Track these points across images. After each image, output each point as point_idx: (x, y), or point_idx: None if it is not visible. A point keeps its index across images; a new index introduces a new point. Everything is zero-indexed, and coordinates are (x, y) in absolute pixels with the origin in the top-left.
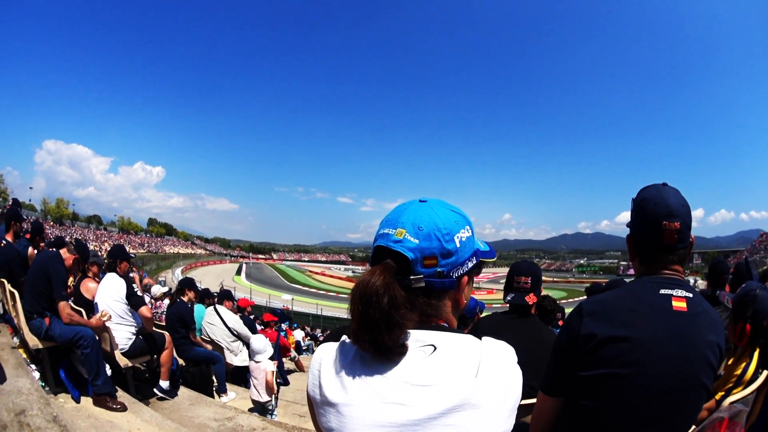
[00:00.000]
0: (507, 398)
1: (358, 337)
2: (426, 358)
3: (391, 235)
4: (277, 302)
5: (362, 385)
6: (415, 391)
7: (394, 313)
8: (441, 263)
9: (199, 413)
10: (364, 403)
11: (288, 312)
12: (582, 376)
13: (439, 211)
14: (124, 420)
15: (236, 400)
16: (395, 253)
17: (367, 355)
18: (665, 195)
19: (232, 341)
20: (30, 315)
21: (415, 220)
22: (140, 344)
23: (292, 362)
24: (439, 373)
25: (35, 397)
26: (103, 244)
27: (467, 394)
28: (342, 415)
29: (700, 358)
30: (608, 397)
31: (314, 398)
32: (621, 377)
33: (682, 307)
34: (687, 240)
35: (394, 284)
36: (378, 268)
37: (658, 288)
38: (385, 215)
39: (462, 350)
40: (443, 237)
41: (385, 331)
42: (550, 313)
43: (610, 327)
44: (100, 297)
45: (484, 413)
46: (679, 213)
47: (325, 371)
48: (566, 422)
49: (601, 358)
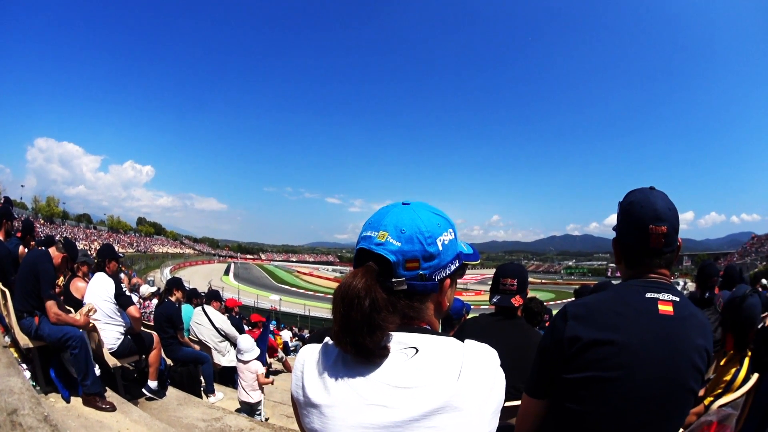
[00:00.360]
0: (489, 401)
1: (340, 339)
2: (408, 361)
3: (374, 238)
4: (265, 302)
5: (344, 386)
6: (397, 393)
7: (376, 316)
8: (423, 266)
9: (188, 413)
10: (346, 404)
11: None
12: (566, 378)
13: (422, 214)
14: (113, 420)
15: (224, 401)
16: (377, 256)
17: (350, 357)
18: (652, 199)
19: (220, 341)
20: (20, 314)
21: (397, 223)
22: (129, 344)
23: (279, 363)
24: (421, 376)
25: (27, 397)
26: (92, 243)
27: (449, 396)
28: (325, 416)
29: (686, 363)
30: (593, 400)
31: (297, 399)
32: (606, 381)
33: (669, 311)
34: (674, 244)
35: (376, 287)
36: (360, 271)
37: (644, 291)
38: (368, 217)
39: (444, 353)
40: (425, 240)
41: (366, 334)
42: (536, 315)
43: (595, 330)
44: (88, 296)
45: (466, 416)
46: (666, 217)
47: (308, 373)
48: (551, 425)
49: (586, 361)
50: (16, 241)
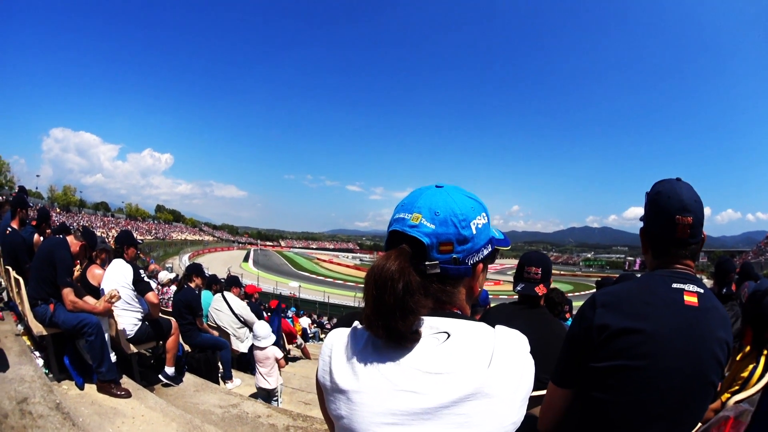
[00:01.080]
0: (519, 388)
1: (372, 322)
2: (439, 346)
3: (407, 220)
4: (285, 289)
5: (374, 372)
6: (428, 379)
7: (409, 299)
8: (457, 249)
9: (204, 400)
10: (375, 390)
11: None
12: (594, 367)
13: (456, 196)
14: (128, 406)
15: (242, 387)
16: (411, 238)
17: (380, 342)
18: (679, 190)
19: (239, 328)
20: (35, 302)
21: (431, 205)
22: (146, 330)
23: (298, 349)
24: (452, 361)
25: (38, 385)
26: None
27: (480, 383)
28: (352, 403)
29: (708, 354)
30: (619, 389)
31: (324, 385)
32: (633, 369)
33: (694, 302)
34: (699, 236)
35: (410, 269)
36: (393, 253)
37: (670, 282)
38: (401, 200)
39: (475, 338)
40: (459, 223)
41: (399, 318)
42: (557, 306)
43: (624, 318)
44: (106, 283)
45: (497, 403)
46: (692, 208)
47: (336, 357)
48: (575, 413)
49: (614, 350)
50: (31, 230)
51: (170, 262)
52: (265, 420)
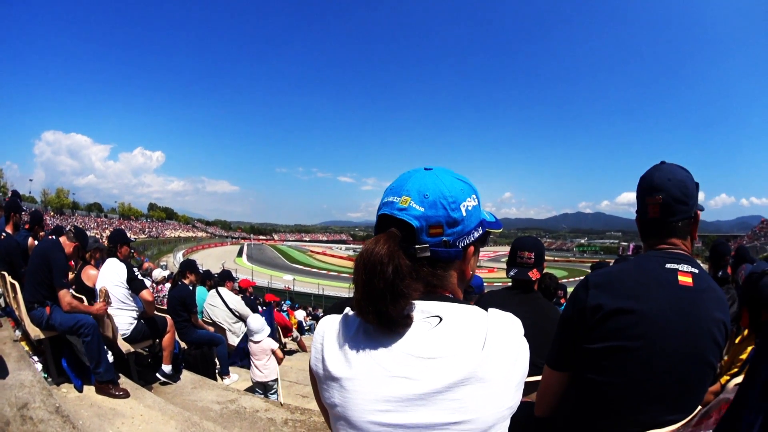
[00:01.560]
0: (514, 372)
1: (362, 307)
2: (431, 330)
3: (396, 203)
4: (279, 283)
5: (366, 358)
6: (421, 364)
7: (399, 283)
8: (447, 232)
9: (202, 396)
10: (368, 377)
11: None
12: (588, 348)
13: (445, 179)
14: (126, 407)
15: (239, 382)
16: (400, 222)
17: (371, 328)
18: (653, 171)
19: (234, 322)
20: (31, 305)
21: (420, 188)
22: (142, 328)
23: (294, 342)
24: (445, 346)
25: (37, 390)
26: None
27: (474, 367)
28: (346, 390)
29: (706, 335)
30: (615, 370)
31: (317, 373)
32: (628, 350)
33: (688, 282)
34: (677, 213)
35: (399, 253)
36: (382, 237)
37: (663, 262)
38: (390, 183)
39: (468, 322)
40: (449, 205)
41: (389, 302)
42: (551, 290)
43: (617, 299)
44: (101, 282)
45: (491, 387)
46: (662, 186)
47: (328, 345)
48: (572, 396)
49: (608, 330)
50: (26, 234)
51: (164, 260)
52: (263, 414)
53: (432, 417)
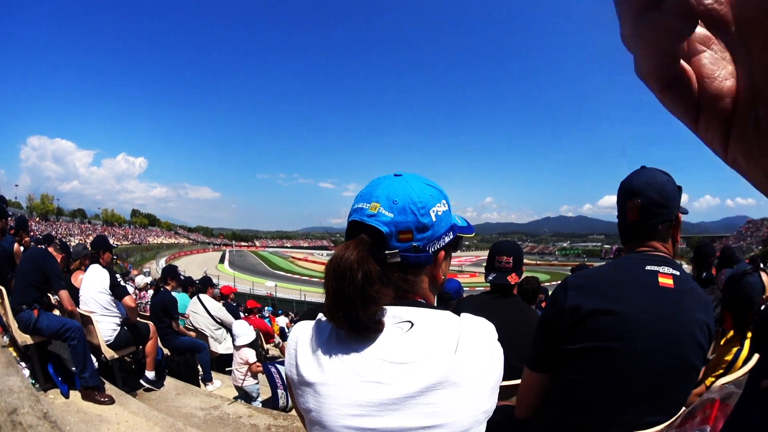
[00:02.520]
0: (488, 375)
1: (333, 313)
2: (403, 335)
3: (365, 210)
4: (261, 289)
5: (339, 363)
6: (394, 369)
7: (369, 289)
8: (416, 237)
9: (186, 403)
10: (341, 382)
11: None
12: (568, 349)
13: (414, 184)
14: (112, 413)
15: (222, 389)
16: (369, 228)
17: (344, 333)
18: (632, 176)
19: (216, 329)
20: (19, 308)
21: (389, 194)
22: (125, 335)
23: (276, 348)
24: (418, 350)
25: (26, 395)
26: (88, 238)
27: (446, 371)
28: (319, 395)
29: (688, 337)
30: (594, 371)
31: (291, 378)
32: (607, 350)
33: (669, 284)
34: (657, 216)
35: (369, 258)
36: (352, 243)
37: (644, 264)
38: (360, 190)
39: (440, 326)
40: (418, 211)
41: (360, 307)
42: (531, 294)
43: (596, 300)
44: (84, 288)
45: (465, 391)
46: (640, 190)
47: (301, 350)
48: (553, 397)
49: (587, 331)
50: (11, 239)
51: (147, 266)
52: (246, 420)
53: (406, 421)
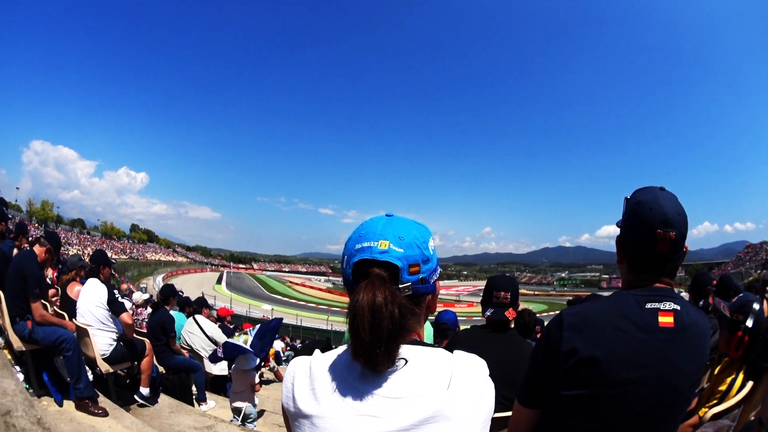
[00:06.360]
0: (480, 410)
1: (369, 349)
2: (398, 372)
3: (374, 248)
4: (257, 312)
5: (335, 397)
6: (388, 404)
7: (406, 321)
8: (423, 269)
9: (179, 421)
10: (337, 415)
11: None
12: (561, 395)
13: (409, 222)
14: (105, 425)
15: (215, 409)
16: (383, 264)
17: (341, 369)
18: (663, 201)
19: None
20: (13, 319)
21: (394, 231)
22: (121, 350)
23: (271, 372)
24: (412, 386)
25: (20, 399)
26: (85, 248)
27: (439, 405)
28: (316, 427)
29: (683, 378)
30: (588, 416)
31: (288, 410)
32: (602, 398)
33: (669, 323)
34: (681, 251)
35: (396, 293)
36: (375, 281)
37: (644, 302)
38: (351, 234)
39: (434, 363)
40: (422, 244)
41: (399, 339)
42: (528, 327)
43: (593, 346)
44: (81, 301)
45: (457, 425)
46: (675, 222)
47: (298, 384)
48: None
49: (583, 379)
50: (11, 243)
51: (144, 282)
52: None
53: None
